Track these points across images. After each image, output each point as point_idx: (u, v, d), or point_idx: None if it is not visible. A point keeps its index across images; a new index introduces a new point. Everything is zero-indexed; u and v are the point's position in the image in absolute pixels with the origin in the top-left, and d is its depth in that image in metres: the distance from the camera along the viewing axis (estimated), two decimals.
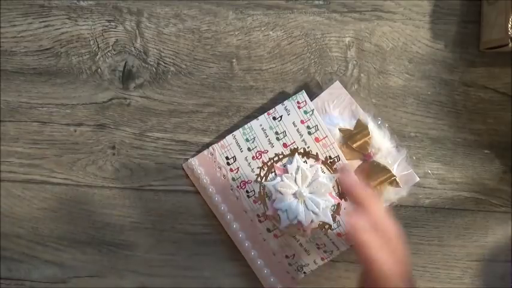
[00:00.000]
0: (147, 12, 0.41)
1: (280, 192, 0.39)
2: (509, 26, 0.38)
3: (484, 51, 0.42)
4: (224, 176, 0.41)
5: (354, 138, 0.40)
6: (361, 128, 0.40)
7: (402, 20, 0.42)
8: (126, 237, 0.43)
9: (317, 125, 0.40)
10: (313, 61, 0.42)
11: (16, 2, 0.41)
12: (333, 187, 0.40)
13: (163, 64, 0.42)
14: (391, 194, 0.41)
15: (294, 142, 0.40)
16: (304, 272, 0.41)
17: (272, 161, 0.40)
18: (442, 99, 0.43)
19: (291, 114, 0.40)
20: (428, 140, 0.43)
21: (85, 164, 0.42)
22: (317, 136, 0.40)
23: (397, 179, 0.40)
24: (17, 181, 0.43)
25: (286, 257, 0.41)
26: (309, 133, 0.40)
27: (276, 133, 0.40)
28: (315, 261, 0.41)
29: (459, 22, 0.42)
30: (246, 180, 0.40)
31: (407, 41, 0.42)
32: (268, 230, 0.41)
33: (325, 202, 0.39)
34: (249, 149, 0.40)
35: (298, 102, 0.40)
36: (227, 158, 0.41)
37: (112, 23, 0.41)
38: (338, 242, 0.41)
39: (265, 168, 0.40)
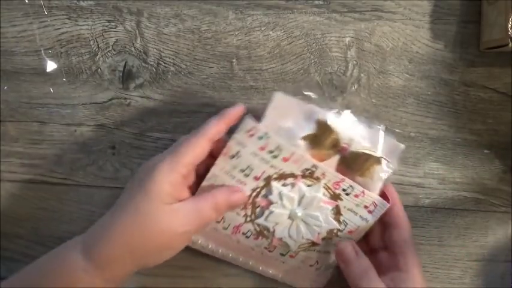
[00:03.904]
0: (147, 12, 0.41)
1: (276, 223, 0.38)
2: (509, 26, 0.38)
3: (484, 51, 0.42)
4: (215, 229, 0.38)
5: (321, 140, 0.37)
6: (323, 128, 0.37)
7: (402, 20, 0.42)
8: None
9: (278, 146, 0.36)
10: (313, 61, 0.42)
11: (16, 2, 0.41)
12: (323, 194, 0.38)
13: (163, 64, 0.42)
14: (382, 171, 0.38)
15: (264, 171, 0.36)
16: (337, 267, 0.40)
17: (251, 198, 0.37)
18: (442, 99, 0.43)
19: (247, 145, 0.36)
20: (428, 140, 0.43)
21: (85, 164, 0.42)
22: (283, 156, 0.36)
23: (382, 156, 0.37)
24: (17, 181, 0.43)
25: (310, 266, 0.40)
26: (274, 157, 0.36)
27: (241, 170, 0.36)
28: None
29: (459, 22, 0.42)
30: (237, 224, 0.38)
31: (407, 41, 0.42)
32: (282, 255, 0.40)
33: (322, 212, 0.38)
34: None
35: (247, 131, 0.35)
36: None
37: (112, 23, 0.41)
38: (351, 237, 0.40)
39: (249, 207, 0.38)
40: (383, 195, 0.38)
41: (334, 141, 0.37)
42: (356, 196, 0.38)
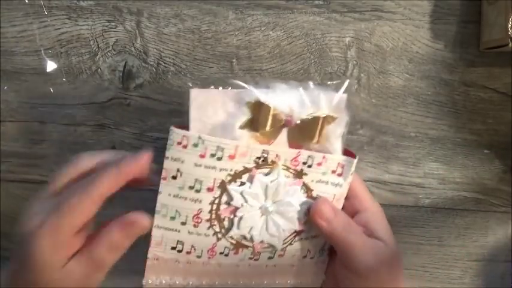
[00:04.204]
0: (147, 12, 0.41)
1: (250, 227, 0.35)
2: (509, 26, 0.38)
3: (484, 51, 0.42)
4: (188, 262, 0.35)
5: (260, 122, 0.33)
6: (256, 108, 0.33)
7: (402, 20, 0.42)
8: None
9: (218, 145, 0.32)
10: (313, 61, 0.42)
11: (16, 2, 0.41)
12: (286, 176, 0.34)
13: (163, 64, 0.42)
14: (336, 129, 0.35)
15: (215, 178, 0.33)
16: (329, 249, 0.38)
17: (213, 212, 0.34)
18: (442, 99, 0.43)
19: (185, 159, 0.32)
20: (428, 140, 0.43)
21: None
22: (228, 154, 0.32)
23: (330, 114, 0.34)
24: (17, 181, 0.43)
25: (304, 257, 0.37)
26: (218, 158, 0.32)
27: (190, 188, 0.32)
28: None
29: (459, 22, 0.42)
30: (210, 247, 0.34)
31: (407, 41, 0.42)
32: (270, 258, 0.36)
33: (293, 196, 0.35)
34: (183, 223, 0.34)
35: (179, 144, 0.32)
36: (173, 248, 0.34)
37: (112, 23, 0.41)
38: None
39: (215, 223, 0.34)
40: (346, 153, 0.35)
41: (274, 118, 0.33)
42: (319, 164, 0.34)
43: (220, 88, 0.32)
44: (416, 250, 0.44)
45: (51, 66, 0.42)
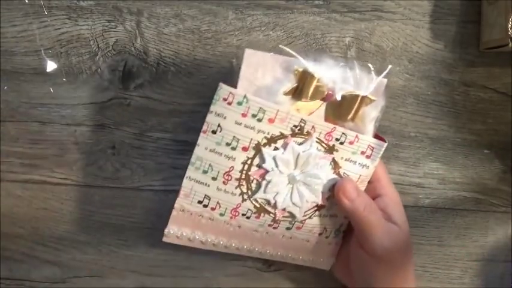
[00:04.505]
0: (147, 12, 0.41)
1: (276, 193, 0.36)
2: (509, 26, 0.38)
3: (484, 51, 0.42)
4: (211, 218, 0.36)
5: (303, 90, 0.34)
6: (303, 77, 0.34)
7: (402, 20, 0.42)
8: (126, 237, 0.43)
9: (260, 107, 0.33)
10: None
11: (16, 2, 0.41)
12: (317, 149, 0.35)
13: (163, 64, 0.42)
14: (372, 111, 0.36)
15: (252, 139, 0.34)
16: (344, 231, 0.39)
17: (243, 172, 0.35)
18: (442, 99, 0.43)
19: (227, 116, 0.34)
20: (428, 140, 0.43)
21: (85, 164, 0.42)
22: (269, 117, 0.34)
23: (369, 95, 0.35)
24: (17, 181, 0.43)
25: (320, 234, 0.38)
26: (259, 120, 0.34)
27: (227, 144, 0.34)
28: (345, 217, 0.39)
29: (459, 22, 0.42)
30: (234, 206, 0.36)
31: (407, 41, 0.42)
32: (288, 229, 0.37)
33: (321, 169, 0.36)
34: (213, 179, 0.35)
35: (224, 100, 0.33)
36: (199, 202, 0.36)
37: (112, 23, 0.41)
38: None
39: (244, 183, 0.35)
40: (377, 136, 0.37)
41: (317, 90, 0.34)
42: (351, 143, 0.36)
43: (272, 53, 0.34)
44: (416, 250, 0.44)
45: (51, 66, 0.41)
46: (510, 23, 0.38)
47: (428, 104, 0.43)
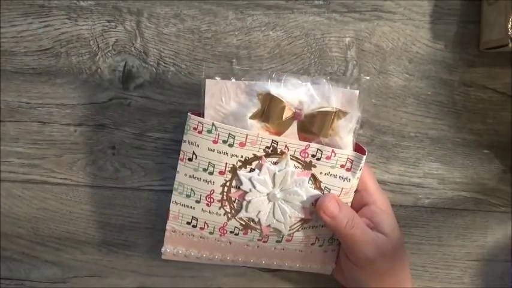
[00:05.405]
0: (147, 12, 0.41)
1: (258, 211, 0.37)
2: (509, 26, 0.38)
3: (484, 51, 0.42)
4: (202, 237, 0.38)
5: (270, 112, 0.34)
6: (267, 100, 0.34)
7: (402, 20, 0.42)
8: (126, 237, 0.43)
9: (229, 133, 0.34)
10: (313, 61, 0.42)
11: (16, 2, 0.41)
12: (294, 166, 0.36)
13: (163, 64, 0.42)
14: (347, 124, 0.35)
15: (227, 163, 0.35)
16: (336, 239, 0.39)
17: (224, 194, 0.36)
18: (442, 99, 0.43)
19: (199, 144, 0.35)
20: (428, 140, 0.43)
21: (85, 164, 0.42)
22: (239, 142, 0.35)
23: (340, 109, 0.35)
24: (17, 181, 0.43)
25: (312, 244, 0.39)
26: (230, 145, 0.35)
27: (204, 170, 0.35)
28: None
29: (459, 22, 0.42)
30: (221, 225, 0.37)
31: (407, 41, 0.42)
32: (278, 241, 0.38)
33: (301, 185, 0.36)
34: (197, 202, 0.36)
35: (194, 129, 0.35)
36: (188, 223, 0.37)
37: (112, 23, 0.41)
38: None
39: (226, 204, 0.37)
40: (357, 148, 0.36)
41: (282, 110, 0.34)
42: (328, 158, 0.36)
43: (233, 79, 0.35)
44: (416, 250, 0.44)
45: (51, 66, 0.42)
46: (510, 23, 0.38)
47: (428, 104, 0.43)
